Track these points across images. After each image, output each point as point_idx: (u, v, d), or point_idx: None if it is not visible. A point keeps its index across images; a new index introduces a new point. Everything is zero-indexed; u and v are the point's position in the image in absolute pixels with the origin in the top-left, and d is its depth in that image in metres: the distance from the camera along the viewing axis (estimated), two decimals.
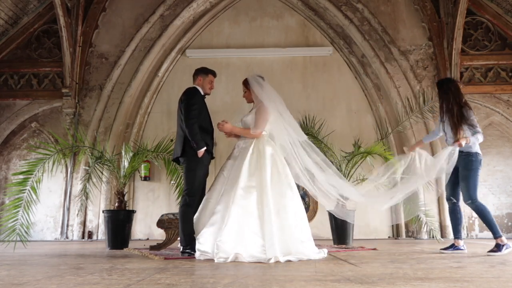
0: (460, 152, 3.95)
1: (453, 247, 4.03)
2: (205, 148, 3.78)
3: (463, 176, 3.93)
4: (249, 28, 7.98)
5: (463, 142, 3.85)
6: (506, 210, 6.88)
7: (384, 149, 5.86)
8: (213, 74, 4.12)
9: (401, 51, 7.49)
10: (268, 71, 7.79)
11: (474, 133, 3.92)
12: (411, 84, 7.36)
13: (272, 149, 3.74)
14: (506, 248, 3.76)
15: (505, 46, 7.46)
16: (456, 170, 4.01)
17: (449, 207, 4.17)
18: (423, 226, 5.85)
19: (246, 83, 3.99)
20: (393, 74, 7.42)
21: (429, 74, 7.43)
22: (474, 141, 3.90)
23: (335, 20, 7.75)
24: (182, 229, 3.74)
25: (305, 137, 3.98)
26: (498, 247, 3.77)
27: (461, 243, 4.04)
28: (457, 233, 4.10)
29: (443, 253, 3.95)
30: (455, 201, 4.10)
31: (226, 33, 7.94)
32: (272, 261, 3.15)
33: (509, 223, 6.96)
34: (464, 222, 7.00)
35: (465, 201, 3.93)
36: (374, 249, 4.50)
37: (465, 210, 6.97)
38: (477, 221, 7.01)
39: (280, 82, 7.74)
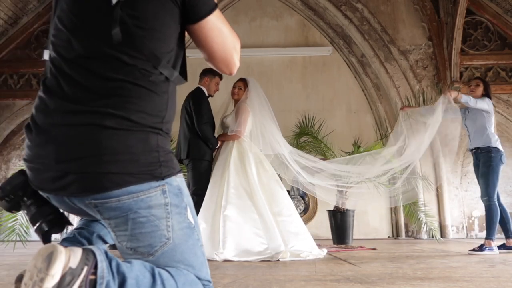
0: (479, 148, 4.03)
1: (504, 246, 4.03)
2: (219, 144, 3.97)
3: (482, 172, 4.00)
4: (248, 28, 7.98)
5: (453, 94, 3.99)
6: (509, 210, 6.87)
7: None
8: (220, 76, 4.19)
9: (401, 51, 7.48)
10: (267, 71, 7.79)
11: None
12: (410, 84, 7.36)
13: (254, 147, 3.82)
14: (489, 250, 3.81)
15: (504, 46, 7.45)
16: (478, 168, 4.10)
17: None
18: (422, 226, 5.86)
19: (246, 82, 4.04)
20: (393, 74, 7.41)
21: (429, 74, 7.43)
22: (466, 100, 3.99)
23: (335, 20, 7.75)
24: None
25: (285, 151, 4.04)
26: (481, 248, 3.84)
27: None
28: (507, 232, 4.08)
29: (500, 252, 3.93)
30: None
31: None
32: (274, 258, 3.19)
33: None
34: (464, 221, 7.00)
35: (481, 197, 4.00)
36: (374, 248, 4.50)
37: (464, 210, 6.98)
38: (476, 221, 7.01)
39: (280, 82, 7.75)
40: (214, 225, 3.42)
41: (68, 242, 1.21)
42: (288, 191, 3.91)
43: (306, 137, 5.94)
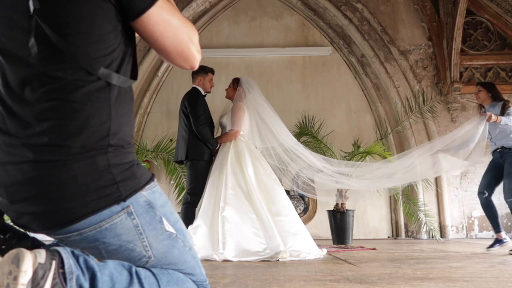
0: (505, 148, 4.04)
1: (497, 242, 4.04)
2: (219, 145, 3.91)
3: (508, 173, 4.00)
4: (248, 28, 7.98)
5: (492, 118, 3.93)
6: (506, 210, 6.84)
7: (384, 149, 5.87)
8: (212, 72, 4.20)
9: (401, 51, 7.48)
10: (267, 71, 7.79)
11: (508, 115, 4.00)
12: (410, 84, 7.36)
13: (251, 146, 3.82)
14: None
15: (504, 46, 7.45)
16: (496, 167, 4.08)
17: (482, 202, 4.16)
18: (422, 226, 5.86)
19: (236, 81, 4.10)
20: (393, 74, 7.41)
21: (429, 74, 7.43)
22: (506, 121, 3.96)
23: (335, 20, 7.75)
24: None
25: (290, 144, 4.03)
26: None
27: (503, 235, 4.06)
28: (497, 227, 4.11)
29: (490, 251, 3.95)
30: (487, 194, 4.13)
31: (225, 33, 7.94)
32: (274, 258, 3.19)
33: (509, 223, 6.96)
34: (464, 221, 7.00)
35: (505, 198, 4.00)
36: (374, 249, 4.50)
37: (464, 210, 6.98)
38: (476, 221, 7.01)
39: (280, 82, 7.75)
40: (213, 226, 3.42)
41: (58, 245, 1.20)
42: (288, 191, 3.90)
43: (306, 137, 5.94)
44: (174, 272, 1.05)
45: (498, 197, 4.25)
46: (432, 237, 5.84)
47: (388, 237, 7.30)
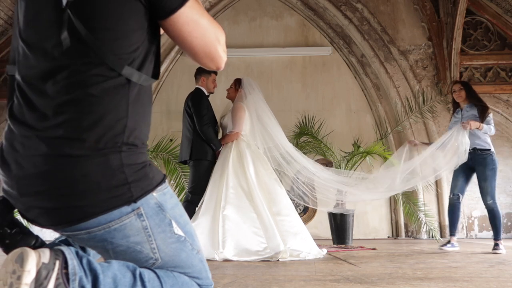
0: (478, 150, 4.04)
1: (450, 243, 4.08)
2: (221, 147, 3.92)
3: (485, 176, 4.02)
4: (248, 28, 7.98)
5: (473, 125, 3.95)
6: (506, 210, 6.87)
7: (384, 149, 5.87)
8: (215, 72, 4.23)
9: (401, 51, 7.48)
10: (267, 71, 7.79)
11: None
12: (410, 84, 7.36)
13: (252, 147, 3.84)
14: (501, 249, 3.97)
15: (504, 46, 7.45)
16: (468, 168, 4.09)
17: (453, 204, 4.20)
18: (422, 226, 5.85)
19: (237, 81, 4.12)
20: (393, 74, 7.41)
21: (429, 74, 7.43)
22: (486, 130, 4.00)
23: (335, 20, 7.75)
24: None
25: (287, 147, 4.03)
26: (497, 246, 3.94)
27: (455, 239, 4.14)
28: (455, 230, 4.18)
29: (442, 249, 3.99)
30: (461, 197, 4.18)
31: (225, 33, 7.93)
32: (274, 258, 3.20)
33: (509, 223, 6.96)
34: (464, 221, 6.99)
35: (486, 201, 4.03)
36: (374, 249, 4.50)
37: (464, 210, 6.97)
38: (476, 221, 7.01)
39: (280, 82, 7.74)
40: (213, 225, 3.43)
41: (61, 243, 1.17)
42: (288, 191, 3.90)
43: (306, 137, 5.94)
44: (179, 275, 1.05)
45: (498, 197, 4.26)
46: (432, 237, 5.83)
47: (388, 237, 7.30)
